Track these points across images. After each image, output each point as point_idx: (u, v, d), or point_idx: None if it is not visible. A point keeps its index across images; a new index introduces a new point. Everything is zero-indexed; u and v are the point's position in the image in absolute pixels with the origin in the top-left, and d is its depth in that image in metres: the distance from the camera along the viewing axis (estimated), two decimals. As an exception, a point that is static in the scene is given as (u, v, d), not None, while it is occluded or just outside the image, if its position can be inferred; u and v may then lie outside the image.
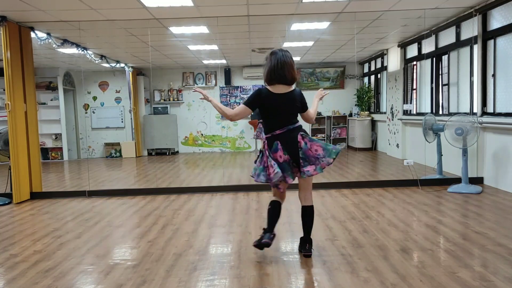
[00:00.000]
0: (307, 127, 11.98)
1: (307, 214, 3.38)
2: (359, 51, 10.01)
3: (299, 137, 3.25)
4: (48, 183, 7.43)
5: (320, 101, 3.59)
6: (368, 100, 11.43)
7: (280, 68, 3.24)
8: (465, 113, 6.26)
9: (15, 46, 5.91)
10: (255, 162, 3.38)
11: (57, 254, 3.64)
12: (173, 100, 12.16)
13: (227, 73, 12.01)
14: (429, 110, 7.98)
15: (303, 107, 3.39)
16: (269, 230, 3.33)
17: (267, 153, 3.25)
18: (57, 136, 11.16)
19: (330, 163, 3.31)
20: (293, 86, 3.36)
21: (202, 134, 12.21)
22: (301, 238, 3.45)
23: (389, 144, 9.99)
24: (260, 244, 3.30)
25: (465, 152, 5.73)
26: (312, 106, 3.51)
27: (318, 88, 3.50)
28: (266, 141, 3.29)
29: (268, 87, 3.30)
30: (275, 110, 3.26)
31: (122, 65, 10.76)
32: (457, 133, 5.61)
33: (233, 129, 12.21)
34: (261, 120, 3.37)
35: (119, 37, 7.59)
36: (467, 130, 5.56)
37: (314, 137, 3.38)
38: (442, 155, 6.46)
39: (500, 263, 3.11)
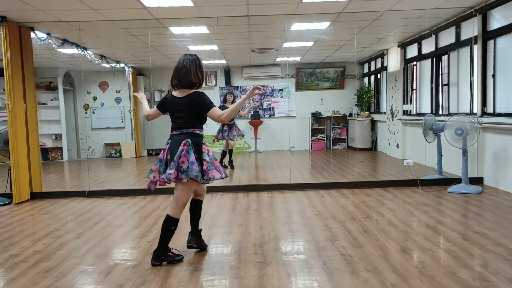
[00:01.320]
0: (309, 127, 11.95)
1: (193, 206, 3.56)
2: (359, 51, 10.01)
3: (184, 141, 3.21)
4: (48, 183, 7.43)
5: (248, 98, 3.17)
6: (368, 100, 11.43)
7: (177, 72, 3.31)
8: (465, 113, 6.26)
9: (15, 46, 5.91)
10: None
11: (57, 254, 3.64)
12: (173, 100, 12.16)
13: (227, 73, 12.01)
14: (429, 110, 7.98)
15: (204, 108, 3.24)
16: (162, 245, 3.29)
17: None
18: (57, 136, 11.16)
19: (184, 181, 3.18)
20: (193, 90, 3.30)
21: (202, 134, 12.20)
22: (189, 233, 3.59)
23: (389, 144, 9.99)
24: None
25: (465, 152, 5.73)
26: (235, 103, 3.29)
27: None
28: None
29: (174, 89, 3.38)
30: (172, 112, 3.36)
31: (122, 65, 10.75)
32: (457, 133, 5.61)
33: (233, 129, 12.21)
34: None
35: (119, 37, 7.59)
36: (467, 130, 5.56)
37: (203, 152, 3.26)
38: (442, 155, 6.46)
39: (500, 263, 3.11)
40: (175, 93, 3.36)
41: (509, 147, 5.54)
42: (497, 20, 5.83)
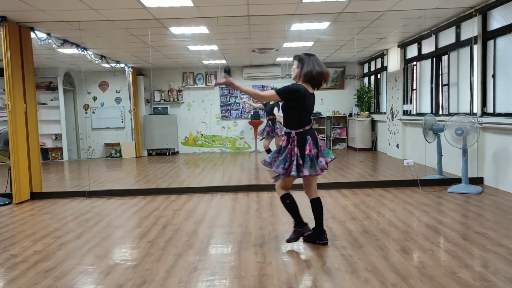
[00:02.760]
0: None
1: (318, 205, 3.73)
2: (359, 51, 10.01)
3: (316, 134, 3.64)
4: (48, 183, 7.43)
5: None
6: (368, 101, 11.42)
7: (319, 74, 3.48)
8: (465, 113, 6.26)
9: (15, 46, 5.91)
10: (272, 153, 3.67)
11: (57, 254, 3.64)
12: (173, 100, 12.16)
13: (227, 73, 11.99)
14: (429, 110, 7.98)
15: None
16: (300, 222, 3.68)
17: (295, 149, 3.45)
18: (57, 136, 11.16)
19: (328, 162, 3.73)
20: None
21: (202, 135, 12.21)
22: (314, 229, 3.71)
23: (389, 144, 9.99)
24: (306, 237, 3.69)
25: (465, 152, 5.73)
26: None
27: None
28: (295, 136, 3.47)
29: (303, 84, 3.51)
30: (307, 107, 3.56)
31: (122, 65, 10.75)
32: (457, 133, 5.61)
33: (233, 129, 12.20)
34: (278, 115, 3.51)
35: (119, 37, 7.59)
36: (467, 130, 5.56)
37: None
38: (442, 155, 6.46)
39: (500, 263, 3.11)
40: (308, 88, 3.53)
41: (509, 147, 5.53)
42: (497, 20, 5.83)
